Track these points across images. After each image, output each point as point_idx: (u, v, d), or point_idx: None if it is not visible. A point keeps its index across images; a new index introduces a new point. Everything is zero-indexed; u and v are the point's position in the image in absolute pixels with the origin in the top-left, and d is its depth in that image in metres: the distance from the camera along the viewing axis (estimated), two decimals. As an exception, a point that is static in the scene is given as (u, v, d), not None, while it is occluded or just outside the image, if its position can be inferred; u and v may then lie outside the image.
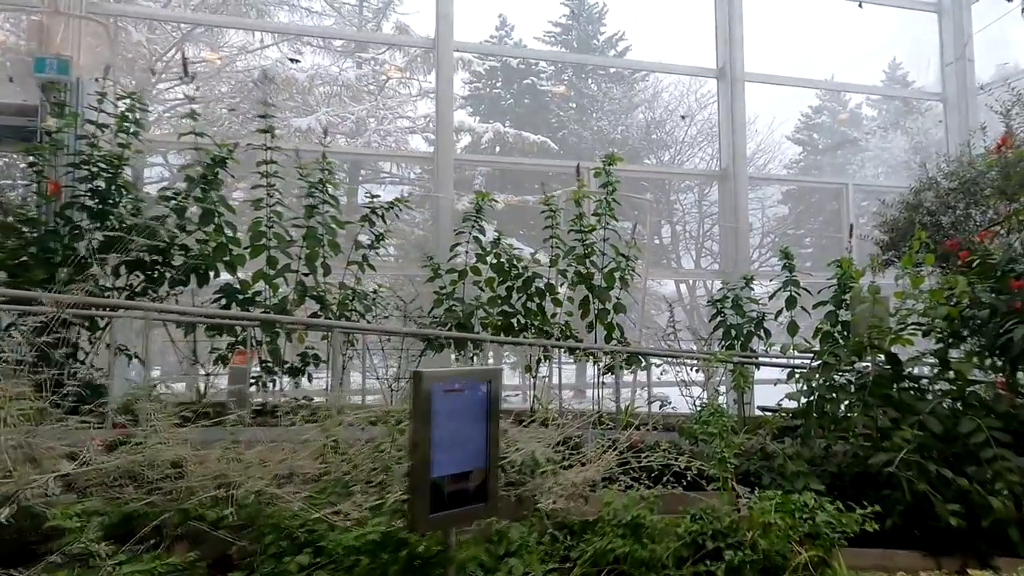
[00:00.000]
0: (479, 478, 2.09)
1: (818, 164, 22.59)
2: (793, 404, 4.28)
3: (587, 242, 6.57)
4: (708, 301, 7.05)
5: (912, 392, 3.94)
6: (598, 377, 6.66)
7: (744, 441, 3.71)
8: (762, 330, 6.99)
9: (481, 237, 6.50)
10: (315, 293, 5.66)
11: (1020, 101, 6.25)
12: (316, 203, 5.88)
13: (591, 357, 6.61)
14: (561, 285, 6.74)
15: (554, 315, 6.78)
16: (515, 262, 6.54)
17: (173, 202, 5.39)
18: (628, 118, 19.81)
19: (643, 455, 3.49)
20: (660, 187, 20.36)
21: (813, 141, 24.52)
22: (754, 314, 7.10)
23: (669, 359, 5.95)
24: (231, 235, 5.57)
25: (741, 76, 8.42)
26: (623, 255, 6.81)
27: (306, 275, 5.90)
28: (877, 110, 24.36)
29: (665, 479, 3.36)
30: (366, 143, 15.58)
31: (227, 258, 5.56)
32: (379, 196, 6.17)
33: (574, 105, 22.30)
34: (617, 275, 6.79)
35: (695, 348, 7.36)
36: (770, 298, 7.22)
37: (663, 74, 19.62)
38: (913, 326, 4.24)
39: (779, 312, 7.02)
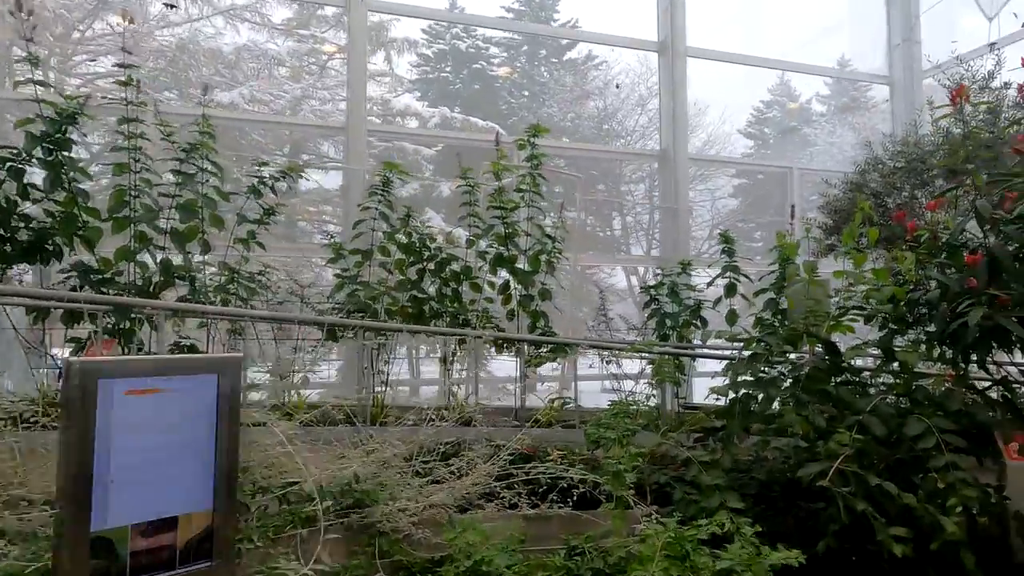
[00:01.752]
0: (201, 524, 1.36)
1: (768, 158, 22.33)
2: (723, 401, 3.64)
3: (508, 220, 5.86)
4: (641, 288, 6.42)
5: (852, 387, 3.33)
6: (519, 370, 5.98)
7: (657, 446, 3.04)
8: (698, 319, 6.40)
9: (389, 213, 5.74)
10: (184, 273, 4.81)
11: (969, 74, 5.75)
12: (193, 171, 5.04)
13: (514, 349, 5.93)
14: (480, 268, 6.03)
15: (473, 301, 6.07)
16: (428, 242, 5.80)
17: (10, 164, 4.49)
18: (580, 106, 19.19)
19: (529, 465, 2.79)
20: (613, 178, 19.82)
21: (764, 135, 24.31)
22: (691, 302, 6.50)
23: (601, 350, 5.28)
24: (85, 204, 4.69)
25: (683, 51, 7.80)
26: (549, 236, 6.13)
27: (186, 253, 5.07)
28: (826, 105, 24.27)
29: (551, 496, 2.67)
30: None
31: (81, 231, 4.68)
32: (267, 166, 5.35)
33: (527, 93, 21.59)
34: (543, 258, 6.11)
35: (632, 338, 6.74)
36: (709, 285, 6.64)
37: (614, 62, 19.04)
38: (855, 310, 3.64)
39: (718, 300, 6.44)
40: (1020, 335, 2.87)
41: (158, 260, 4.76)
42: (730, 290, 6.28)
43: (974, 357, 3.16)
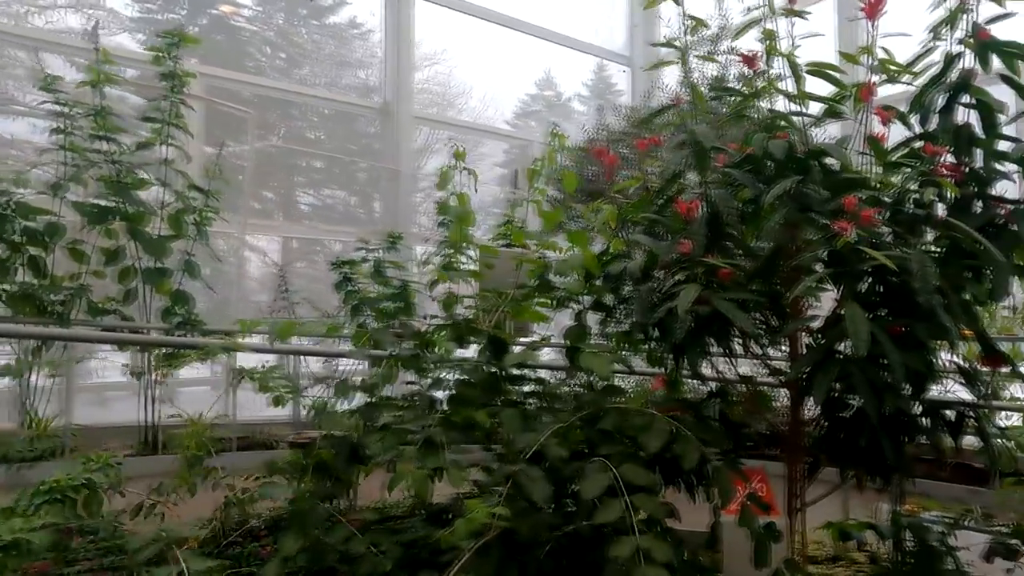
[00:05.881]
0: None
1: (532, 149, 22.38)
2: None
3: (118, 160, 3.94)
4: (331, 264, 4.90)
5: (527, 408, 2.11)
6: (148, 375, 4.12)
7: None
8: (403, 303, 5.05)
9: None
10: None
11: (696, 38, 5.10)
12: None
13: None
14: (82, 229, 4.03)
15: (74, 275, 4.06)
16: (-21, 182, 3.68)
17: None
18: (338, 74, 17.19)
19: None
20: (372, 154, 18.17)
21: (530, 128, 24.45)
22: (397, 284, 5.12)
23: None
24: None
25: (410, -12, 6.42)
26: (198, 188, 4.33)
27: None
28: (586, 106, 25.12)
29: None
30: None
31: None
32: None
33: (284, 55, 18.94)
34: (190, 219, 4.30)
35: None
36: (423, 264, 5.32)
37: (378, 27, 17.37)
38: (546, 290, 2.47)
39: (433, 283, 5.13)
40: (745, 326, 1.83)
41: None
42: (448, 270, 5.02)
43: (689, 356, 2.09)
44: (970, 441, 2.02)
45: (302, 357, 4.38)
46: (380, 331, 2.01)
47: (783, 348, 2.23)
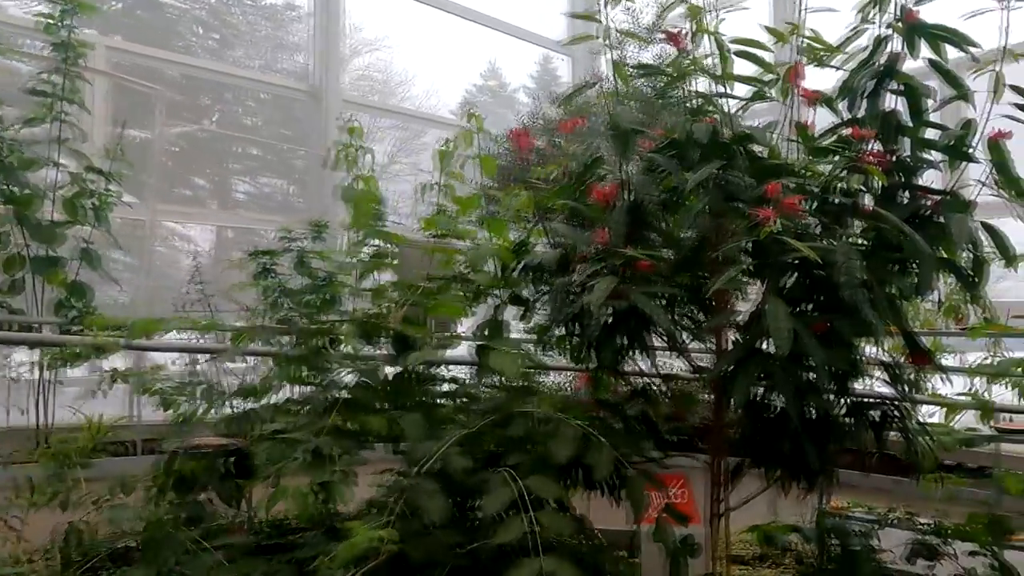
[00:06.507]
0: None
1: (478, 139, 22.18)
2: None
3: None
4: (249, 254, 4.59)
5: (439, 411, 1.93)
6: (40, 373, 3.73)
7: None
8: (330, 298, 4.77)
9: None
10: None
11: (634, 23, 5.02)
12: None
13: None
14: (-44, 212, 3.61)
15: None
16: None
17: None
18: (274, 57, 16.47)
19: None
20: (313, 142, 17.56)
21: (475, 118, 24.31)
22: (323, 276, 4.84)
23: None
24: None
25: (341, -35, 6.10)
26: (96, 170, 3.95)
27: None
28: (532, 98, 25.11)
29: None
30: None
31: None
32: None
33: (217, 36, 18.07)
34: (90, 203, 3.92)
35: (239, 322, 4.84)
36: (351, 256, 5.04)
37: (316, 13, 16.77)
38: (465, 283, 2.28)
39: (365, 273, 4.86)
40: (661, 322, 1.69)
41: None
42: (378, 259, 4.76)
43: (606, 352, 1.94)
44: (894, 434, 1.95)
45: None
46: (261, 328, 1.79)
47: (710, 344, 2.12)
